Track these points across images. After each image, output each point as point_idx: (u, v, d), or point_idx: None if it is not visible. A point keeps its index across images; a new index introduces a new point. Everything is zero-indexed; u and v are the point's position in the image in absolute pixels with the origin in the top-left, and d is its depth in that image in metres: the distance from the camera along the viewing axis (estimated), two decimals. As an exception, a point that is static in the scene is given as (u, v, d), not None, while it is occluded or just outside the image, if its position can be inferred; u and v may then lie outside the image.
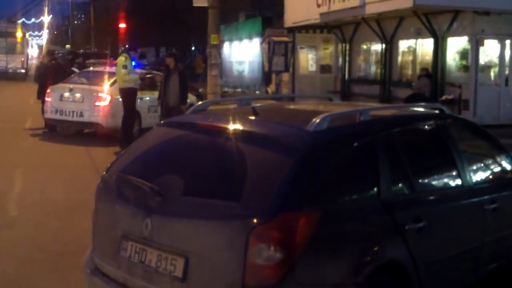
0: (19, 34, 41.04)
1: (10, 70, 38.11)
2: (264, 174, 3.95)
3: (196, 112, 5.07)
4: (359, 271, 3.89)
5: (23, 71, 38.79)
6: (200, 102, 5.50)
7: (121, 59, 14.09)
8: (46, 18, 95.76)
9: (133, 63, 13.90)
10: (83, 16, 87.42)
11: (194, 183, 4.17)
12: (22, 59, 39.88)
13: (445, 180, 5.21)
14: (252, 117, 4.61)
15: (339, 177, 4.13)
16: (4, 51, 38.21)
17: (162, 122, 5.30)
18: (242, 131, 4.30)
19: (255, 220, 3.65)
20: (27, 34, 48.40)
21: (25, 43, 42.44)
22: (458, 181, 5.09)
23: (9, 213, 8.21)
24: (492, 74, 18.15)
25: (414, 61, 20.20)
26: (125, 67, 13.60)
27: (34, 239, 7.04)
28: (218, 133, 4.36)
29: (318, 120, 4.19)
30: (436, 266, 4.61)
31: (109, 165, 4.81)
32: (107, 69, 16.48)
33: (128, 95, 13.79)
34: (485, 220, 5.19)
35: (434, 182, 5.13)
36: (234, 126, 4.36)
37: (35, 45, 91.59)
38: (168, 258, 3.93)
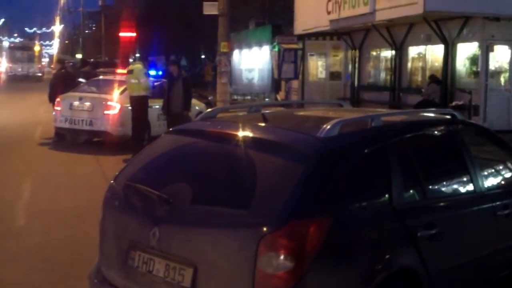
0: (37, 48, 58.07)
1: (30, 74, 52.43)
2: (274, 181, 3.89)
3: (205, 119, 5.02)
4: (370, 280, 3.82)
5: (39, 74, 52.81)
6: (209, 109, 5.46)
7: (139, 66, 14.15)
8: (57, 28, 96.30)
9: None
10: (94, 25, 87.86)
11: (203, 191, 4.12)
12: (39, 66, 56.04)
13: (457, 186, 5.13)
14: (262, 124, 4.55)
15: (350, 183, 4.07)
16: (26, 60, 54.57)
17: (170, 129, 5.24)
18: (252, 138, 4.24)
19: (265, 229, 3.59)
20: (43, 48, 69.06)
21: (41, 54, 60.41)
22: (470, 187, 5.01)
23: (17, 222, 8.20)
24: (502, 79, 18.02)
25: (424, 68, 20.10)
26: (146, 74, 13.79)
27: (41, 248, 7.01)
28: (227, 140, 4.31)
29: (329, 126, 4.13)
30: (449, 274, 4.54)
31: (117, 173, 4.77)
32: (117, 77, 16.49)
33: (141, 103, 13.85)
34: (498, 226, 5.11)
35: (446, 188, 5.06)
36: (243, 133, 4.31)
37: (45, 54, 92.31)
38: (176, 268, 3.87)
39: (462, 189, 5.11)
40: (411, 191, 4.52)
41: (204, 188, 4.12)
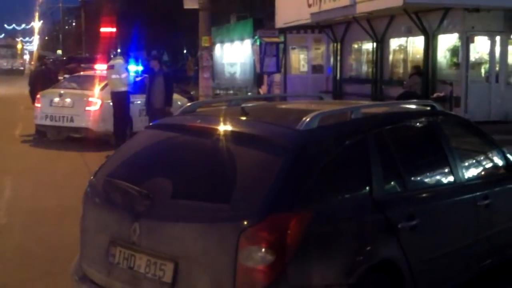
0: (19, 46, 68.41)
1: (14, 68, 60.74)
2: (254, 175, 3.89)
3: (185, 114, 4.99)
4: (352, 272, 3.83)
5: (22, 68, 62.21)
6: (189, 104, 5.43)
7: (120, 62, 14.07)
8: (36, 24, 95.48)
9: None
10: (74, 21, 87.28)
11: (183, 186, 4.09)
12: (21, 61, 66.23)
13: (438, 177, 5.16)
14: (242, 117, 4.54)
15: (330, 176, 4.06)
16: (10, 56, 64.00)
17: (150, 124, 5.22)
18: (232, 131, 4.23)
19: (245, 222, 3.58)
20: (23, 45, 79.52)
21: (23, 51, 72.23)
22: (451, 178, 5.04)
23: (-2, 220, 8.12)
24: (482, 70, 18.11)
25: (405, 60, 20.17)
26: (127, 69, 13.72)
27: (23, 245, 6.96)
28: (207, 134, 4.30)
29: (308, 119, 4.13)
30: (430, 264, 4.56)
31: (97, 169, 4.73)
32: (97, 73, 16.38)
33: (122, 99, 13.78)
34: (478, 217, 5.15)
35: (426, 180, 5.08)
36: (223, 127, 4.30)
37: (25, 51, 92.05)
38: (157, 263, 3.85)
39: (442, 180, 5.13)
40: (391, 182, 4.54)
41: (184, 182, 4.10)
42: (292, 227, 3.61)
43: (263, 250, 3.54)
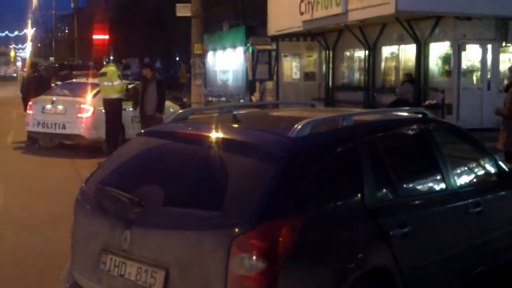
0: (12, 53, 75.66)
1: (7, 75, 65.57)
2: (246, 182, 3.88)
3: (177, 121, 4.98)
4: (344, 279, 3.82)
5: (15, 75, 66.59)
6: (180, 111, 5.43)
7: (112, 69, 14.06)
8: (29, 31, 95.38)
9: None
10: (66, 28, 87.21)
11: (175, 193, 4.09)
12: (14, 68, 72.91)
13: (430, 184, 5.16)
14: (233, 125, 4.54)
15: (321, 183, 4.06)
16: (4, 63, 70.35)
17: (141, 131, 5.21)
18: (223, 139, 4.22)
19: (236, 230, 3.57)
20: (16, 52, 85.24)
21: (15, 58, 77.64)
22: (443, 185, 5.05)
23: (-11, 227, 8.07)
24: (474, 78, 18.22)
25: (397, 67, 20.26)
26: (119, 76, 13.73)
27: (14, 253, 6.92)
28: (198, 142, 4.29)
29: (299, 126, 4.13)
30: (422, 272, 4.56)
31: (88, 176, 4.72)
32: (90, 80, 16.36)
33: (114, 106, 13.76)
34: (470, 224, 5.16)
35: (418, 187, 5.08)
36: (214, 134, 4.29)
37: (18, 58, 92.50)
38: (148, 271, 3.84)
39: (434, 188, 5.14)
40: (383, 190, 4.53)
41: (175, 190, 4.09)
42: (283, 234, 3.60)
43: (255, 257, 3.52)
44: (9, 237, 7.61)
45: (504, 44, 17.96)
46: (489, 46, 17.85)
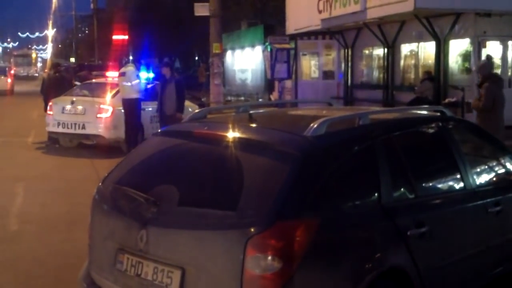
0: (34, 55, 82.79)
1: (30, 75, 70.13)
2: (262, 182, 3.87)
3: (194, 120, 4.99)
4: (361, 279, 3.80)
5: (36, 75, 70.97)
6: (197, 110, 5.43)
7: (131, 69, 14.16)
8: (50, 32, 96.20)
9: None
10: (86, 29, 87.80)
11: (191, 193, 4.09)
12: (36, 68, 78.49)
13: (448, 183, 5.12)
14: (249, 124, 4.52)
15: (338, 183, 4.04)
16: (26, 64, 76.21)
17: (158, 131, 5.22)
18: (239, 138, 4.21)
19: (252, 229, 3.56)
20: (37, 53, 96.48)
21: (37, 59, 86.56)
22: (461, 184, 5.00)
23: (9, 227, 8.16)
24: (495, 75, 18.00)
25: (416, 65, 20.08)
26: (138, 76, 13.81)
27: (34, 253, 6.98)
28: (214, 141, 4.29)
29: (316, 125, 4.11)
30: (440, 272, 4.52)
31: (105, 176, 4.74)
32: (109, 80, 16.46)
33: (133, 106, 13.84)
34: (489, 223, 5.10)
35: (436, 186, 5.04)
36: (230, 134, 4.28)
37: (39, 59, 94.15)
38: (165, 271, 3.84)
39: (453, 187, 5.09)
40: (400, 189, 4.50)
41: (191, 189, 4.10)
42: (299, 234, 3.59)
43: (270, 257, 3.51)
44: (29, 236, 7.68)
45: (525, 40, 17.76)
46: (510, 43, 17.63)
